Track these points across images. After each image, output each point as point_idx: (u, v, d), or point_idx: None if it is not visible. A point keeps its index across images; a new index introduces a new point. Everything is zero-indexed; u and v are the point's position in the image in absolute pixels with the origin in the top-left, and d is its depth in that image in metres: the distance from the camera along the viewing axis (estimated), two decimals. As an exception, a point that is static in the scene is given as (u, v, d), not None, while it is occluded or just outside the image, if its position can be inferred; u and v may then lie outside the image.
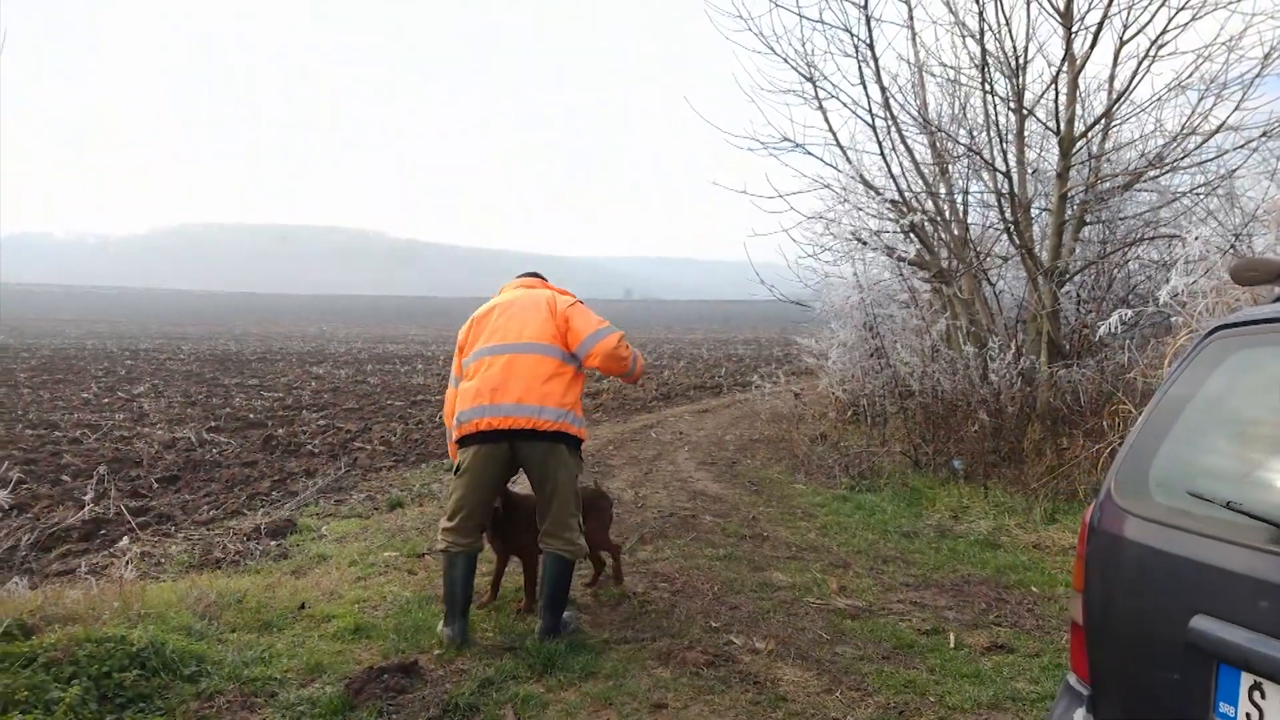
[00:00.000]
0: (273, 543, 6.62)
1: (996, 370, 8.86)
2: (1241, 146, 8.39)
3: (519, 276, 5.06)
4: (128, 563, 5.79)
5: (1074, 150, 9.06)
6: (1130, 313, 7.83)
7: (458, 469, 4.51)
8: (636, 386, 19.51)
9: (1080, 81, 9.09)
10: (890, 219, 10.54)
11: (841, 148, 10.21)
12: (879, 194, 10.30)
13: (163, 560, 6.22)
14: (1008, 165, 9.32)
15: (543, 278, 5.06)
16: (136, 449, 11.37)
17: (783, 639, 4.51)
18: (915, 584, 5.66)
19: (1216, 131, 8.42)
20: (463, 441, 4.46)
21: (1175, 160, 8.70)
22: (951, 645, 4.52)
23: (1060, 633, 4.73)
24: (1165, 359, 6.84)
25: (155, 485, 9.23)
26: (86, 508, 7.58)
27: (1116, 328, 7.60)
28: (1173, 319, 7.45)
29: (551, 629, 4.45)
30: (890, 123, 9.96)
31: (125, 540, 6.85)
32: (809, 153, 10.29)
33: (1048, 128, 9.38)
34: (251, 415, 15.34)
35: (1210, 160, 8.72)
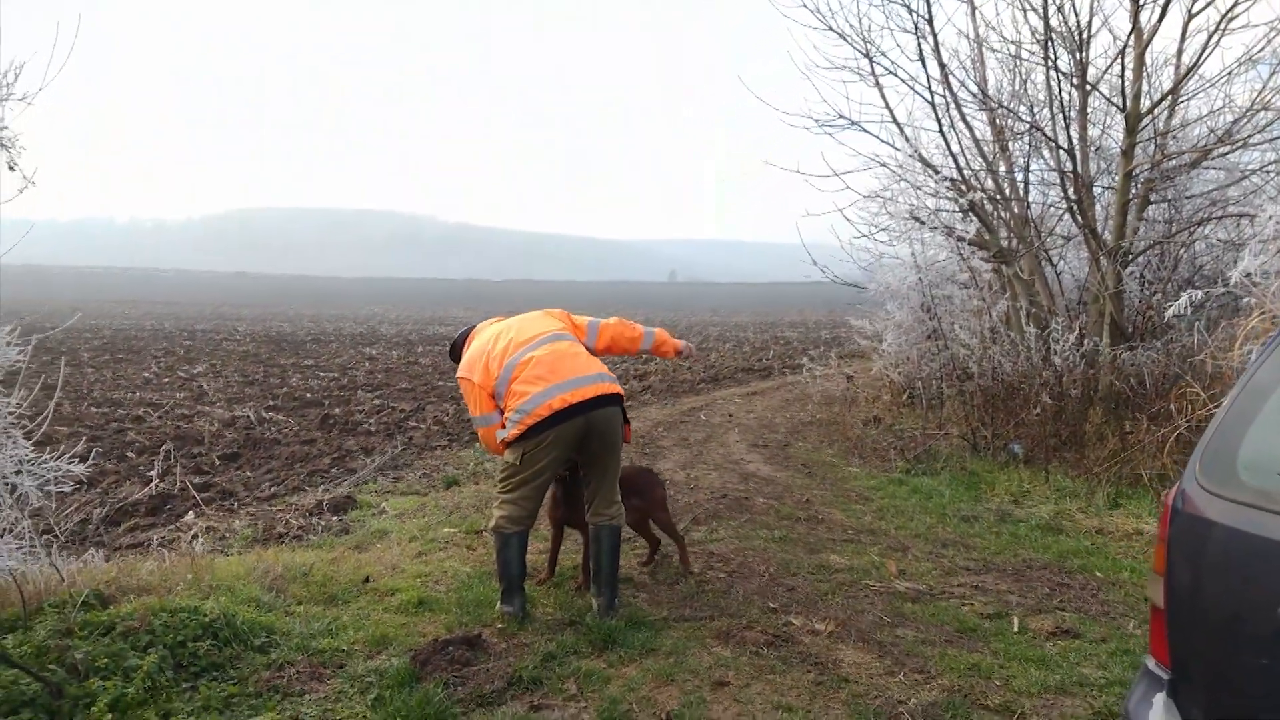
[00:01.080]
0: (334, 518, 6.74)
1: (1058, 352, 8.69)
2: (1317, 122, 8.13)
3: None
4: (195, 537, 5.96)
5: (1140, 127, 8.81)
6: (1199, 294, 7.61)
7: (522, 458, 4.40)
8: (685, 369, 19.48)
9: (1147, 56, 8.84)
10: (949, 198, 10.36)
11: (899, 125, 10.05)
12: (937, 172, 10.12)
13: (227, 535, 6.36)
14: (1070, 142, 9.10)
15: None
16: (198, 427, 11.65)
17: (842, 621, 4.48)
18: (976, 568, 5.59)
19: (1290, 107, 8.15)
20: (535, 429, 4.33)
21: (1245, 136, 8.43)
22: (1015, 630, 4.46)
23: (1127, 619, 4.64)
24: (1236, 341, 6.64)
25: (217, 462, 9.46)
26: (153, 483, 7.82)
27: (1185, 309, 7.40)
28: (1243, 300, 7.23)
29: (611, 605, 4.48)
30: (949, 99, 9.79)
31: (190, 515, 7.05)
32: (865, 130, 10.16)
33: (1112, 104, 9.14)
34: (308, 395, 15.63)
35: (1282, 136, 8.45)
